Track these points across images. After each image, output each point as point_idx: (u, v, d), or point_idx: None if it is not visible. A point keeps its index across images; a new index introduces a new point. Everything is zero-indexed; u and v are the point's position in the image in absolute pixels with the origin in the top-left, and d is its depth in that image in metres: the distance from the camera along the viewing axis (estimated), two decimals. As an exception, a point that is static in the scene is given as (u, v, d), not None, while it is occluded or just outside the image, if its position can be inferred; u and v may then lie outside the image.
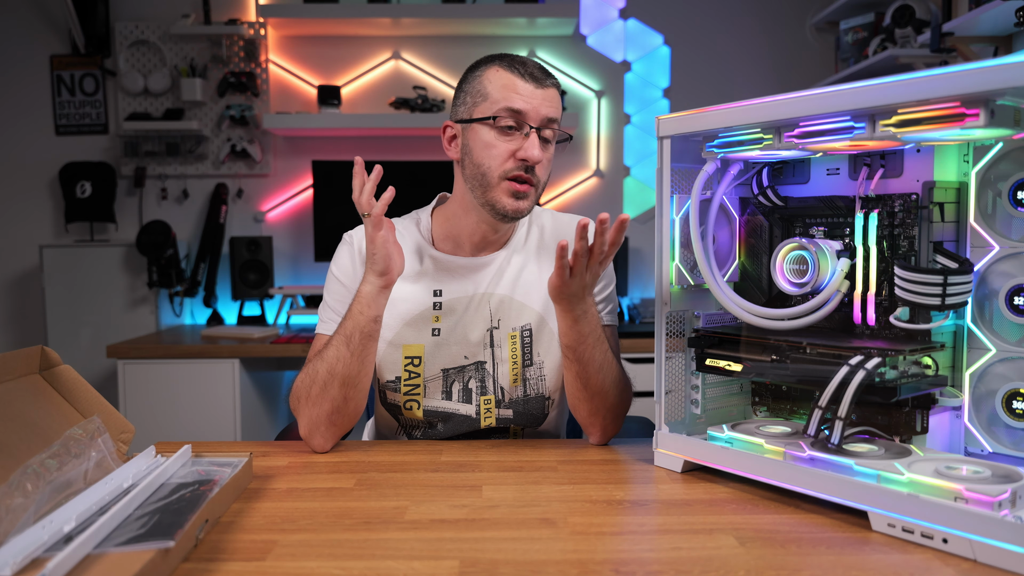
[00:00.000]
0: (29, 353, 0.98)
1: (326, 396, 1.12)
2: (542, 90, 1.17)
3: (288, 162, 3.11)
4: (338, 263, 1.28)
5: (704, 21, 3.13)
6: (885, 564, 0.74)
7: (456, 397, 1.25)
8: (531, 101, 1.16)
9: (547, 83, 1.18)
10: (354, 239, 1.29)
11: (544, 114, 1.17)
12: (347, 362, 1.12)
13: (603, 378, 1.13)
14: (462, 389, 1.25)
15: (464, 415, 1.25)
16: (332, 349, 1.13)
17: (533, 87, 1.16)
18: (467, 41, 3.08)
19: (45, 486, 0.74)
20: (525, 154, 1.15)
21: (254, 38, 3.04)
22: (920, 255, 0.91)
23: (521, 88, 1.16)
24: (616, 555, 0.76)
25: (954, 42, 2.26)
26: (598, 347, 1.12)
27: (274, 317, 2.98)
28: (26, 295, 3.08)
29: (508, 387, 1.25)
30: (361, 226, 1.30)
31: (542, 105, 1.16)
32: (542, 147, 1.17)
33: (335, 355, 1.12)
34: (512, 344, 1.25)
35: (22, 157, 3.07)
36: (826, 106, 0.84)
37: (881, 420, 0.94)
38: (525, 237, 1.31)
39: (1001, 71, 0.71)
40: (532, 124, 1.16)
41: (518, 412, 1.26)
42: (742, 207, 1.12)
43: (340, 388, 1.12)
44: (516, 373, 1.25)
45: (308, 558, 0.76)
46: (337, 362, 1.12)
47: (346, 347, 1.12)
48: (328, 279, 1.28)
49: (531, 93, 1.16)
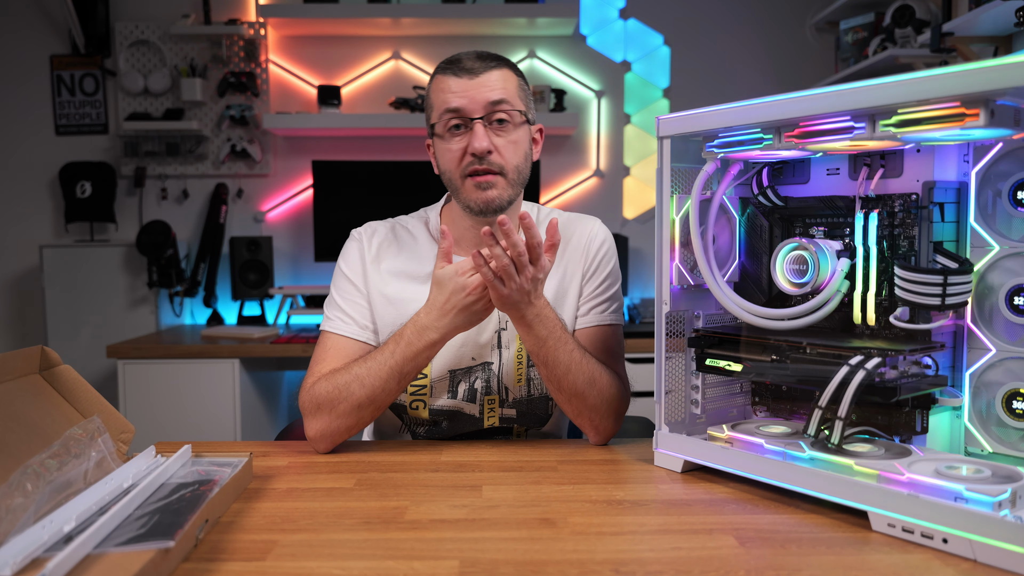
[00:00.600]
0: (29, 353, 0.98)
1: (355, 415, 1.11)
2: (479, 78, 1.15)
3: (288, 162, 3.11)
4: (347, 260, 1.26)
5: (704, 21, 3.13)
6: (885, 564, 0.74)
7: (461, 396, 1.24)
8: (467, 94, 1.15)
9: (483, 70, 1.16)
10: (363, 235, 1.27)
11: (484, 99, 1.15)
12: (392, 394, 1.12)
13: (573, 379, 1.11)
14: (468, 389, 1.24)
15: (468, 414, 1.25)
16: (377, 380, 1.10)
17: (467, 80, 1.15)
18: (467, 41, 3.07)
19: (45, 486, 0.74)
20: (472, 147, 1.14)
21: (254, 38, 3.04)
22: (920, 255, 0.91)
23: (454, 86, 1.16)
24: (616, 555, 0.76)
25: (954, 42, 2.26)
26: (561, 349, 1.10)
27: (274, 317, 2.98)
28: (26, 295, 3.08)
29: (512, 387, 1.25)
30: (369, 223, 1.30)
31: (479, 93, 1.15)
32: (495, 131, 1.16)
33: (381, 386, 1.10)
34: (519, 344, 1.24)
35: (22, 157, 3.07)
36: (826, 106, 0.84)
37: (881, 420, 0.94)
38: None
39: (1001, 71, 0.71)
40: (474, 116, 1.15)
41: (521, 412, 1.26)
42: (742, 207, 1.12)
43: (373, 412, 1.12)
44: (521, 373, 1.25)
45: (308, 558, 0.76)
46: (381, 392, 1.11)
47: (396, 383, 1.11)
48: (336, 276, 1.26)
49: (465, 86, 1.15)
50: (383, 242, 1.27)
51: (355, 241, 1.27)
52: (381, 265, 1.25)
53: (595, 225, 1.31)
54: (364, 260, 1.25)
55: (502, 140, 1.16)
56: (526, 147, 1.20)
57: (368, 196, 2.88)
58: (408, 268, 1.25)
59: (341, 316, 1.22)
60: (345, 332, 1.21)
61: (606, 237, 1.30)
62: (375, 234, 1.28)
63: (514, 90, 1.18)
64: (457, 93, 1.15)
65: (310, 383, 1.15)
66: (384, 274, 1.24)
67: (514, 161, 1.18)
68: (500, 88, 1.16)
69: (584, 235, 1.29)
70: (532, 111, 1.23)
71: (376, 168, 2.91)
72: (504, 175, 1.17)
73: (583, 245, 1.28)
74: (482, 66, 1.17)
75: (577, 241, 1.28)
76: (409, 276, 1.24)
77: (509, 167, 1.17)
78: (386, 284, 1.23)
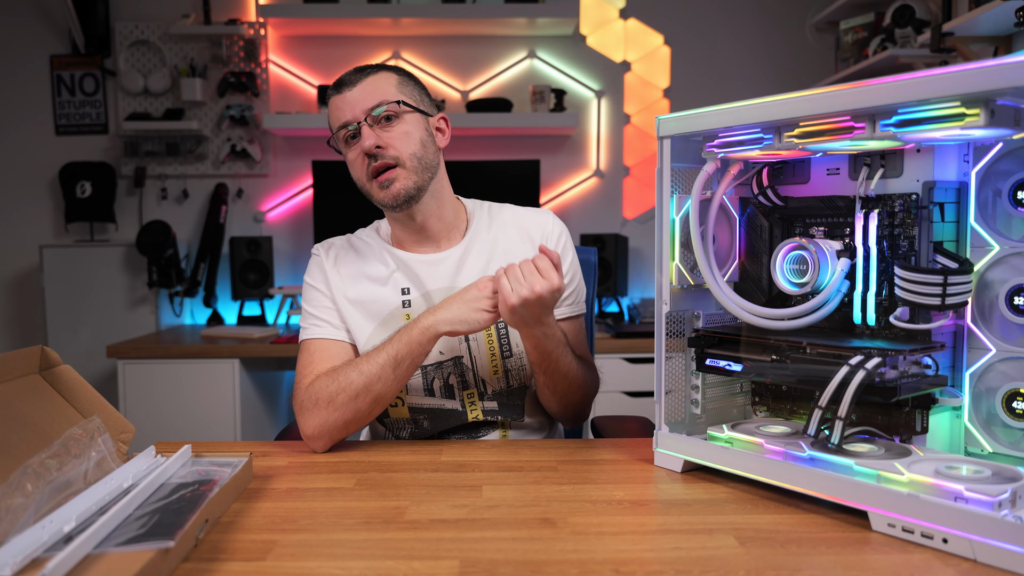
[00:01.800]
0: (29, 353, 0.98)
1: (352, 406, 1.13)
2: (356, 88, 1.22)
3: (288, 162, 3.11)
4: (311, 274, 1.31)
5: (704, 21, 3.13)
6: (885, 564, 0.74)
7: (439, 393, 1.27)
8: (348, 105, 1.21)
9: (359, 80, 1.22)
10: (320, 250, 1.33)
11: (363, 106, 1.20)
12: (388, 383, 1.14)
13: (569, 384, 1.22)
14: (443, 385, 1.27)
15: (450, 409, 1.27)
16: (373, 366, 1.13)
17: (348, 92, 1.22)
18: (467, 41, 3.08)
19: (45, 486, 0.74)
20: (362, 148, 1.20)
21: (254, 38, 3.04)
22: (920, 255, 0.91)
23: (339, 102, 1.22)
24: (616, 555, 0.76)
25: (954, 42, 2.26)
26: (563, 358, 1.19)
27: (274, 317, 2.98)
28: (26, 295, 3.09)
29: (489, 379, 1.27)
30: (326, 240, 1.36)
31: (359, 101, 1.20)
32: (383, 128, 1.21)
33: (377, 373, 1.13)
34: (488, 337, 1.27)
35: (22, 157, 3.07)
36: (826, 106, 0.84)
37: (881, 420, 0.94)
38: (487, 228, 1.33)
39: (1001, 71, 0.71)
40: (358, 120, 1.20)
41: (503, 404, 1.28)
42: (742, 207, 1.12)
43: (370, 404, 1.14)
44: (496, 365, 1.27)
45: (308, 558, 0.76)
46: (377, 381, 1.13)
47: (392, 370, 1.13)
48: (304, 290, 1.31)
49: (347, 99, 1.21)
50: (340, 252, 1.32)
51: (315, 256, 1.33)
52: (341, 271, 1.30)
53: (549, 218, 1.36)
54: (324, 270, 1.30)
55: (390, 133, 1.21)
56: (421, 135, 1.24)
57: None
58: (366, 270, 1.30)
59: (315, 322, 1.27)
60: (322, 335, 1.26)
61: (562, 230, 1.37)
62: (332, 247, 1.34)
63: (393, 88, 1.23)
64: (341, 108, 1.22)
65: (306, 383, 1.18)
66: (345, 278, 1.29)
67: (409, 149, 1.22)
68: (376, 90, 1.22)
69: (539, 229, 1.35)
70: (427, 104, 1.28)
71: (376, 168, 2.90)
72: (402, 165, 1.21)
73: (539, 238, 1.34)
74: (358, 77, 1.23)
75: (535, 234, 1.34)
76: (368, 278, 1.29)
77: (404, 155, 1.21)
78: (348, 288, 1.28)
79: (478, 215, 1.34)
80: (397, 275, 1.28)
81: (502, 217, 1.35)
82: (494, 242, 1.31)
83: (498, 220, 1.34)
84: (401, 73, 1.27)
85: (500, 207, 1.38)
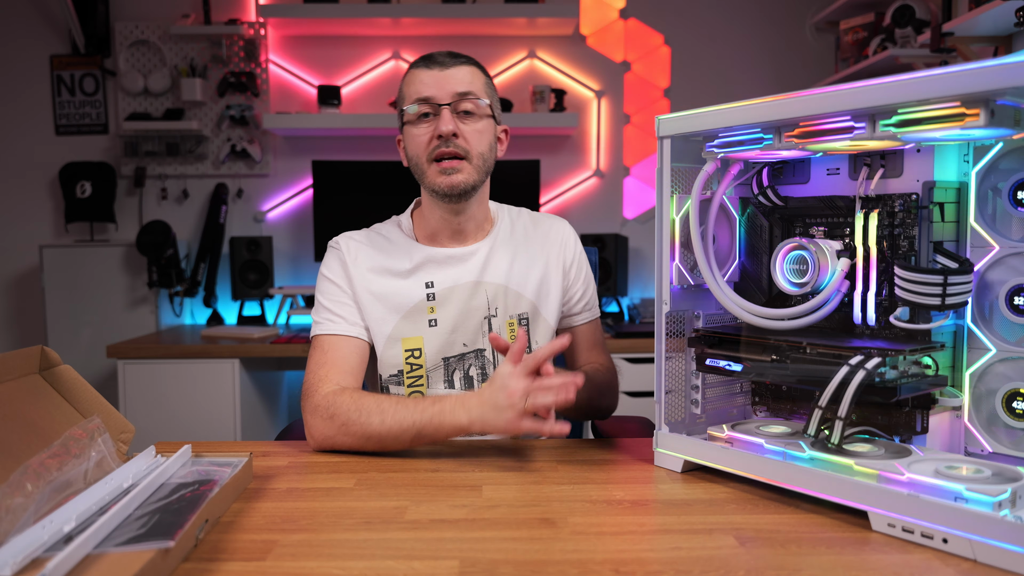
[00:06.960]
0: (29, 353, 0.98)
1: (359, 442, 1.11)
2: (448, 71, 1.22)
3: (288, 162, 3.11)
4: (329, 267, 1.29)
5: (704, 21, 3.13)
6: (885, 564, 0.74)
7: (459, 385, 1.27)
8: (436, 84, 1.22)
9: (453, 64, 1.23)
10: (340, 243, 1.31)
11: (453, 89, 1.21)
12: (400, 445, 1.11)
13: (600, 396, 1.31)
14: (463, 376, 1.27)
15: None
16: (396, 425, 1.09)
17: (438, 71, 1.22)
18: (467, 41, 3.08)
19: (45, 486, 0.74)
20: (438, 130, 1.20)
21: (254, 38, 3.04)
22: (920, 255, 0.91)
23: (425, 77, 1.22)
24: (616, 555, 0.76)
25: (954, 42, 2.27)
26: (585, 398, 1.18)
27: (274, 317, 2.98)
28: (26, 295, 3.09)
29: None
30: (344, 233, 1.34)
31: (448, 84, 1.21)
32: (462, 120, 1.22)
33: (396, 434, 1.09)
34: (511, 331, 1.29)
35: (22, 157, 3.07)
36: (826, 106, 0.84)
37: (881, 420, 0.94)
38: (510, 229, 1.35)
39: (1001, 71, 0.71)
40: (442, 102, 1.21)
41: None
42: (742, 207, 1.12)
43: (375, 447, 1.12)
44: None
45: (308, 558, 0.76)
46: (393, 440, 1.10)
47: (411, 438, 1.09)
48: (320, 283, 1.29)
49: (436, 77, 1.22)
50: (360, 246, 1.31)
51: (334, 249, 1.31)
52: (362, 266, 1.28)
53: (566, 227, 1.41)
54: (345, 264, 1.28)
55: (468, 127, 1.22)
56: (491, 138, 1.27)
57: (368, 196, 2.88)
58: (388, 264, 1.28)
59: (330, 317, 1.25)
60: (336, 331, 1.24)
61: (576, 238, 1.41)
62: (352, 240, 1.32)
63: (481, 86, 1.25)
64: (428, 83, 1.22)
65: (326, 387, 1.15)
66: (366, 273, 1.28)
67: (479, 148, 1.23)
68: (469, 81, 1.23)
69: (559, 235, 1.38)
70: (498, 112, 1.30)
71: (376, 168, 2.91)
72: (469, 160, 1.22)
73: (559, 244, 1.37)
74: (452, 61, 1.24)
75: (554, 239, 1.37)
76: (390, 272, 1.28)
77: (474, 152, 1.23)
78: (369, 282, 1.27)
79: (501, 215, 1.37)
80: (421, 269, 1.28)
81: (522, 220, 1.38)
82: (517, 243, 1.34)
83: (519, 222, 1.37)
84: (487, 75, 1.29)
85: (518, 210, 1.41)
